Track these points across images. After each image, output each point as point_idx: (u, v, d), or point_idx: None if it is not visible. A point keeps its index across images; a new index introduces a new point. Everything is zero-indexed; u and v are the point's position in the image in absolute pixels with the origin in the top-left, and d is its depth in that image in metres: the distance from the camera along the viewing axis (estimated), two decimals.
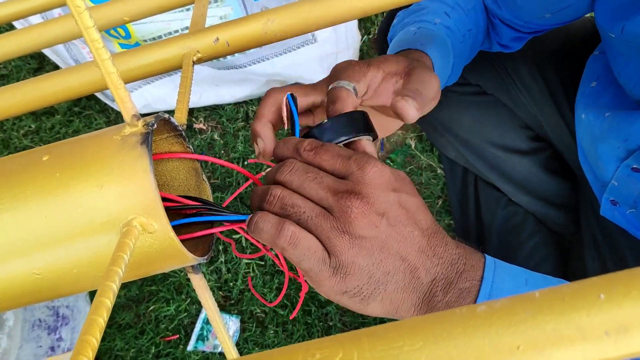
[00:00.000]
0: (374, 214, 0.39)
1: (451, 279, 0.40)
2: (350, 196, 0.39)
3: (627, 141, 0.62)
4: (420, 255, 0.40)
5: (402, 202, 0.40)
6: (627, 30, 0.56)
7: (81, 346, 0.22)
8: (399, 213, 0.40)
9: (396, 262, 0.40)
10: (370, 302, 0.40)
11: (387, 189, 0.40)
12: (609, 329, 0.16)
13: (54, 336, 1.15)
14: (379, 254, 0.39)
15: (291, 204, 0.40)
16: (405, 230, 0.40)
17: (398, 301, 0.40)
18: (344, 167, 0.41)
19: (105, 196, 0.31)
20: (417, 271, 0.40)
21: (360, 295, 0.40)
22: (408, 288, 0.40)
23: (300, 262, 0.39)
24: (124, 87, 0.31)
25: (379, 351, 0.17)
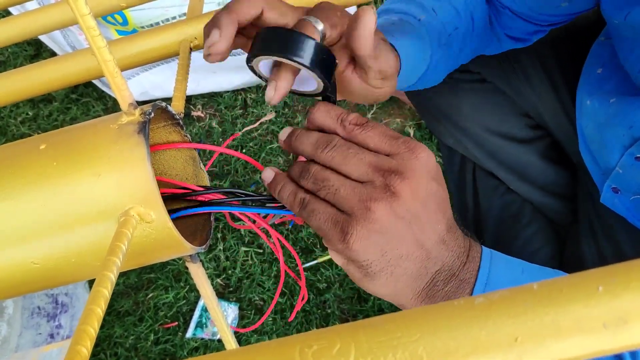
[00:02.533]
0: (414, 200, 0.38)
1: (454, 271, 0.41)
2: (395, 175, 0.38)
3: (632, 128, 0.62)
4: (437, 246, 0.40)
5: (439, 195, 0.40)
6: (632, 16, 0.56)
7: (79, 336, 0.22)
8: (433, 203, 0.40)
9: (412, 248, 0.39)
10: (374, 280, 0.40)
11: (430, 177, 0.39)
12: (607, 320, 0.16)
13: (53, 323, 1.16)
14: (400, 237, 0.39)
15: (322, 179, 0.40)
16: (433, 220, 0.40)
17: (401, 286, 0.40)
18: (392, 146, 0.40)
19: (102, 185, 0.31)
20: (429, 260, 0.40)
21: (367, 269, 0.39)
22: (414, 276, 0.40)
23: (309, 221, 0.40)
24: (120, 75, 0.31)
25: (377, 343, 0.17)
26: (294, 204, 0.40)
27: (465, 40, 0.70)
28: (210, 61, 0.44)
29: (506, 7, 0.72)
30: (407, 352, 0.16)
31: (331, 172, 0.40)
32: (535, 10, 0.70)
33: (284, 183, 0.41)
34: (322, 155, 0.40)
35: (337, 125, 0.41)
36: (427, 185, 0.39)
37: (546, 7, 0.70)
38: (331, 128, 0.41)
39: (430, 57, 0.64)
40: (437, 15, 0.65)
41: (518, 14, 0.72)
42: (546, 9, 0.70)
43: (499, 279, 0.41)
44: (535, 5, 0.70)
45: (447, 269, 0.40)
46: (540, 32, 0.77)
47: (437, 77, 0.70)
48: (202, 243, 0.38)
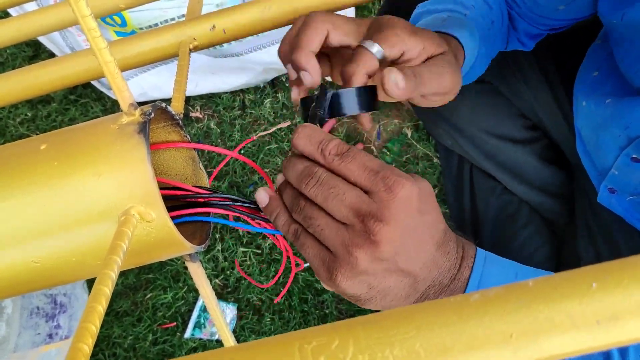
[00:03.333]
0: (393, 247, 0.38)
1: (445, 284, 0.42)
2: (374, 221, 0.38)
3: (628, 129, 0.62)
4: (423, 270, 0.40)
5: (425, 222, 0.40)
6: (628, 17, 0.56)
7: (81, 333, 0.22)
8: (419, 236, 0.40)
9: (399, 278, 0.40)
10: (365, 305, 0.42)
11: (412, 212, 0.39)
12: (601, 317, 0.16)
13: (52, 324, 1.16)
14: (383, 272, 0.39)
15: (309, 216, 0.40)
16: (418, 250, 0.40)
17: (392, 305, 0.42)
18: (370, 183, 0.39)
19: (103, 185, 0.31)
20: (417, 283, 0.41)
21: (357, 299, 0.41)
22: (403, 297, 0.41)
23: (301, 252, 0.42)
24: (121, 76, 0.31)
25: (375, 339, 0.17)
26: (288, 234, 0.42)
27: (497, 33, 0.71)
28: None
29: (513, 9, 0.73)
30: (404, 348, 0.17)
31: (318, 210, 0.41)
32: (536, 12, 0.71)
33: (278, 211, 0.42)
34: (305, 190, 0.41)
35: (318, 154, 0.41)
36: (408, 221, 0.39)
37: (545, 10, 0.70)
38: (312, 156, 0.41)
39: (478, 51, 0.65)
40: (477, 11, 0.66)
41: (521, 15, 0.73)
42: (546, 12, 0.71)
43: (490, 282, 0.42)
44: (535, 8, 0.70)
45: (438, 283, 0.41)
46: (538, 37, 0.78)
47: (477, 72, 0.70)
48: (201, 242, 0.39)
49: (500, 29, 0.72)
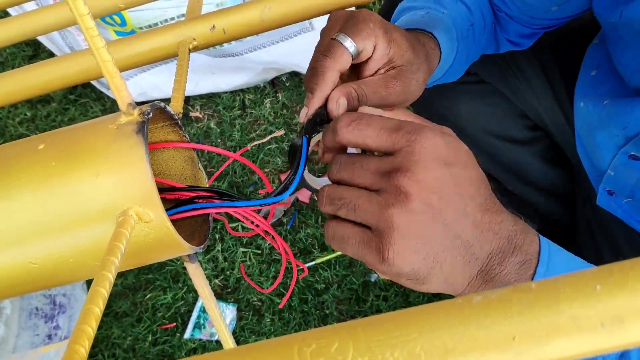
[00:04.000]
0: (425, 191, 0.37)
1: (509, 253, 0.39)
2: (398, 175, 0.37)
3: (625, 129, 0.62)
4: (474, 231, 0.39)
5: (455, 176, 0.38)
6: (625, 15, 0.56)
7: (77, 335, 0.22)
8: (451, 188, 0.38)
9: (449, 239, 0.38)
10: (428, 282, 0.39)
11: (439, 164, 0.38)
12: (605, 319, 0.16)
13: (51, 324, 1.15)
14: (431, 233, 0.38)
15: (338, 197, 0.40)
16: (457, 207, 0.38)
17: (454, 277, 0.39)
18: (391, 142, 0.38)
19: (101, 185, 0.31)
20: (472, 247, 0.39)
21: (416, 276, 0.39)
22: (463, 264, 0.39)
23: (345, 251, 0.40)
24: (119, 75, 0.31)
25: (375, 341, 0.17)
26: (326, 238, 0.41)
27: (478, 37, 0.71)
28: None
29: (502, 11, 0.73)
30: (405, 351, 0.16)
31: (344, 188, 0.40)
32: (527, 14, 0.71)
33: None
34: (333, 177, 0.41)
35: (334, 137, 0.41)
36: (436, 174, 0.38)
37: (537, 11, 0.70)
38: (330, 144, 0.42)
39: (456, 49, 0.64)
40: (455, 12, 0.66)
41: (512, 17, 0.73)
42: (537, 13, 0.71)
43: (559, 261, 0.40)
44: (526, 9, 0.70)
45: (500, 252, 0.39)
46: (533, 36, 0.78)
47: (458, 71, 0.70)
48: (200, 243, 0.38)
49: (481, 32, 0.72)
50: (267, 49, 1.24)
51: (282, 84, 1.46)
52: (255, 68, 1.33)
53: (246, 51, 1.23)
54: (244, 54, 1.24)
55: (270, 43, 1.23)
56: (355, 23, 0.48)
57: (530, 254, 0.40)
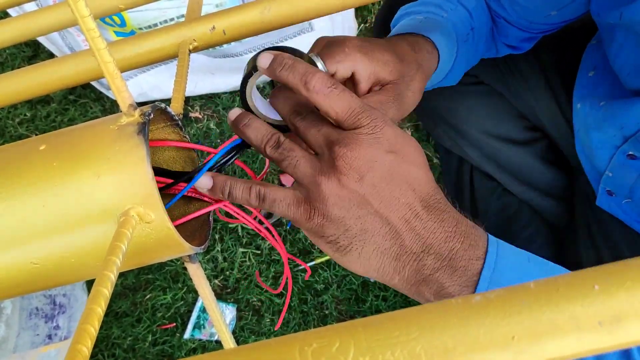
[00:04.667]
0: (360, 167, 0.38)
1: (444, 255, 0.39)
2: (340, 146, 0.38)
3: (623, 129, 0.62)
4: (406, 223, 0.39)
5: (396, 165, 0.39)
6: (626, 16, 0.56)
7: (80, 335, 0.22)
8: (388, 175, 0.39)
9: (376, 223, 0.39)
10: (347, 255, 0.40)
11: (382, 149, 0.39)
12: (603, 319, 0.16)
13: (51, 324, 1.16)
14: (356, 209, 0.39)
15: (288, 148, 0.40)
16: (392, 194, 0.39)
17: (377, 264, 0.40)
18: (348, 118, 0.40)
19: (102, 186, 0.31)
20: (401, 238, 0.39)
21: (336, 244, 0.40)
22: (389, 254, 0.39)
23: (273, 211, 0.41)
24: (120, 76, 0.31)
25: (376, 341, 0.17)
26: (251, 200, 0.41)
27: (478, 41, 0.71)
28: None
29: (500, 17, 0.73)
30: (405, 351, 0.16)
31: (297, 145, 0.41)
32: (526, 19, 0.71)
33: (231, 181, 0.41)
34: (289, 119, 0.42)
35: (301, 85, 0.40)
36: (375, 156, 0.39)
37: (536, 16, 0.71)
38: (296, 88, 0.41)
39: (456, 53, 0.65)
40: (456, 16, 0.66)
41: (511, 22, 0.73)
42: (537, 18, 0.71)
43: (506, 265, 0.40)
44: (526, 14, 0.70)
45: (435, 252, 0.39)
46: (532, 40, 0.78)
47: (457, 74, 0.71)
48: (201, 243, 0.39)
49: (481, 37, 0.72)
50: None
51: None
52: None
53: (246, 52, 1.24)
54: (244, 54, 1.24)
55: (270, 44, 1.23)
56: (329, 47, 0.50)
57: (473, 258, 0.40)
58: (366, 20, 1.45)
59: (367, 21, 1.45)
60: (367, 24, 1.45)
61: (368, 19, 1.45)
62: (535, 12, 0.70)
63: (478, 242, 0.41)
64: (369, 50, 0.51)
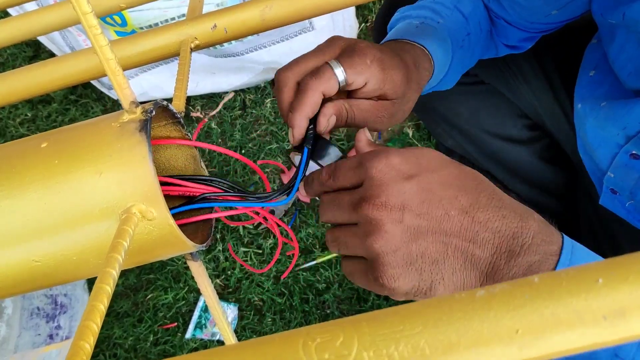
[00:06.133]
0: (392, 209, 0.38)
1: (516, 252, 0.38)
2: (363, 204, 0.38)
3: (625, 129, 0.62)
4: (467, 233, 0.38)
5: (424, 185, 0.39)
6: (628, 16, 0.56)
7: (82, 332, 0.22)
8: (423, 198, 0.38)
9: (440, 248, 0.38)
10: (436, 292, 0.39)
11: (400, 180, 0.38)
12: (607, 313, 0.16)
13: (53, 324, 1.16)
14: (416, 247, 0.38)
15: (333, 239, 0.42)
16: (438, 213, 0.38)
17: (461, 282, 0.39)
18: (358, 178, 0.40)
19: (104, 183, 0.31)
20: (469, 250, 0.38)
21: (421, 292, 0.39)
22: (466, 267, 0.39)
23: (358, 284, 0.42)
24: (122, 73, 0.31)
25: (380, 335, 0.17)
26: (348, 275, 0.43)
27: (474, 45, 0.71)
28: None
29: (500, 17, 0.73)
30: (409, 345, 0.16)
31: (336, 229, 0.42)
32: (527, 19, 0.71)
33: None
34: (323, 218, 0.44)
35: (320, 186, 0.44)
36: (399, 190, 0.38)
37: (537, 16, 0.71)
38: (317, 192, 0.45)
39: (451, 58, 0.65)
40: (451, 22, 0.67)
41: (511, 23, 0.73)
42: (537, 17, 0.71)
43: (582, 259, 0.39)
44: (526, 15, 0.70)
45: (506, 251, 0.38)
46: (532, 39, 0.79)
47: (452, 79, 0.71)
48: (203, 241, 0.39)
49: (478, 41, 0.72)
50: (268, 48, 1.24)
51: None
52: (255, 68, 1.33)
53: (247, 51, 1.24)
54: (245, 54, 1.24)
55: (271, 43, 1.23)
56: (352, 55, 0.49)
57: (548, 254, 0.38)
58: (367, 20, 1.45)
59: (367, 20, 1.45)
60: (368, 23, 1.45)
61: (369, 18, 1.45)
62: (536, 12, 0.70)
63: (552, 238, 0.39)
64: (387, 67, 0.51)
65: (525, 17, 0.71)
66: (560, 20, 0.71)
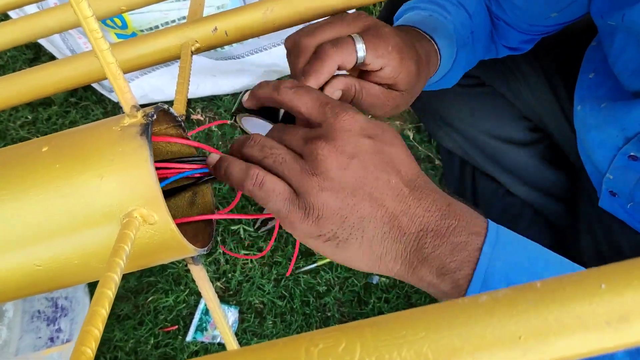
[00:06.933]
0: (342, 155, 0.38)
1: (442, 232, 0.39)
2: (319, 140, 0.39)
3: (624, 130, 0.62)
4: (400, 204, 0.39)
5: (378, 148, 0.39)
6: (628, 18, 0.56)
7: (84, 337, 0.22)
8: (373, 158, 0.39)
9: (372, 208, 0.38)
10: (348, 248, 0.39)
11: (359, 135, 0.39)
12: (610, 318, 0.16)
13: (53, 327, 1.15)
14: (351, 197, 0.38)
15: (270, 146, 0.40)
16: (381, 176, 0.39)
17: (379, 251, 0.39)
18: (320, 113, 0.41)
19: (105, 187, 0.31)
20: (398, 220, 0.39)
21: (335, 240, 0.39)
22: (389, 237, 0.39)
23: (267, 204, 0.39)
24: (123, 77, 0.31)
25: (382, 341, 0.17)
26: (247, 181, 0.39)
27: (477, 44, 0.71)
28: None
29: (500, 19, 0.73)
30: (412, 350, 0.16)
31: (277, 142, 0.41)
32: (526, 21, 0.71)
33: (231, 160, 0.40)
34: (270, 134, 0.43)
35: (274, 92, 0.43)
36: (355, 141, 0.39)
37: (536, 19, 0.71)
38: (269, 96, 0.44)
39: (455, 55, 0.65)
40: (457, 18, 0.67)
41: (511, 25, 0.73)
42: (536, 20, 0.71)
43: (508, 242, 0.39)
44: (525, 17, 0.71)
45: (432, 230, 0.39)
46: (532, 41, 0.79)
47: (454, 77, 0.71)
48: (204, 245, 0.39)
49: (479, 40, 0.72)
50: (268, 51, 1.24)
51: None
52: (256, 70, 1.33)
53: (247, 54, 1.24)
54: (245, 56, 1.24)
55: (272, 45, 1.23)
56: (377, 35, 0.49)
57: (473, 234, 0.39)
58: None
59: None
60: None
61: None
62: (535, 14, 0.70)
63: (476, 220, 0.40)
64: (405, 57, 0.51)
65: (524, 19, 0.71)
66: (560, 22, 0.72)
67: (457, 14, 0.67)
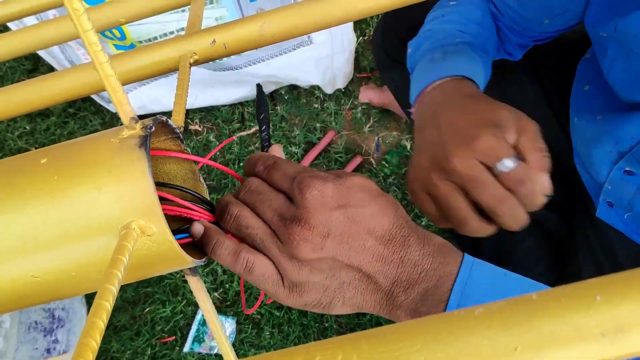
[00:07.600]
0: (317, 236, 0.40)
1: (413, 281, 0.41)
2: (292, 223, 0.40)
3: (618, 144, 0.62)
4: (375, 264, 0.41)
5: (350, 216, 0.41)
6: (620, 29, 0.57)
7: (81, 349, 0.22)
8: (345, 230, 0.41)
9: (350, 273, 0.41)
10: (332, 309, 0.43)
11: (329, 209, 0.41)
12: (606, 330, 0.16)
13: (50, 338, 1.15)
14: (329, 270, 0.41)
15: (245, 225, 0.42)
16: (356, 243, 0.41)
17: (359, 302, 0.42)
18: (289, 189, 0.42)
19: (103, 199, 0.31)
20: (374, 279, 0.41)
21: (320, 306, 0.42)
22: (367, 292, 0.42)
23: (258, 285, 0.42)
24: (122, 90, 0.31)
25: (379, 353, 0.17)
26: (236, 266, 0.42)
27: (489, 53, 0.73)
28: None
29: (500, 21, 0.74)
30: None
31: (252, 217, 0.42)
32: (521, 25, 0.72)
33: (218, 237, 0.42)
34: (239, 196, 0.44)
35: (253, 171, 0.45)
36: (326, 218, 0.40)
37: (530, 23, 0.72)
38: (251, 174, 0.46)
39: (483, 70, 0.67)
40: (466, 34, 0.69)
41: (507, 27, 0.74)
42: (530, 24, 0.72)
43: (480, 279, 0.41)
44: (520, 20, 0.72)
45: (405, 279, 0.41)
46: (525, 48, 0.80)
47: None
48: (202, 256, 0.39)
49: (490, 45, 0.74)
50: (266, 62, 1.25)
51: (280, 97, 1.47)
52: (254, 81, 1.34)
53: (245, 65, 1.24)
54: (243, 67, 1.25)
55: (269, 57, 1.24)
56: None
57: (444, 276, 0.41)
58: (364, 33, 1.46)
59: (365, 34, 1.46)
60: (366, 37, 1.46)
61: (366, 31, 1.46)
62: (529, 18, 0.71)
63: (449, 259, 0.42)
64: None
65: (519, 22, 0.72)
66: (551, 30, 0.73)
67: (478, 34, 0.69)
